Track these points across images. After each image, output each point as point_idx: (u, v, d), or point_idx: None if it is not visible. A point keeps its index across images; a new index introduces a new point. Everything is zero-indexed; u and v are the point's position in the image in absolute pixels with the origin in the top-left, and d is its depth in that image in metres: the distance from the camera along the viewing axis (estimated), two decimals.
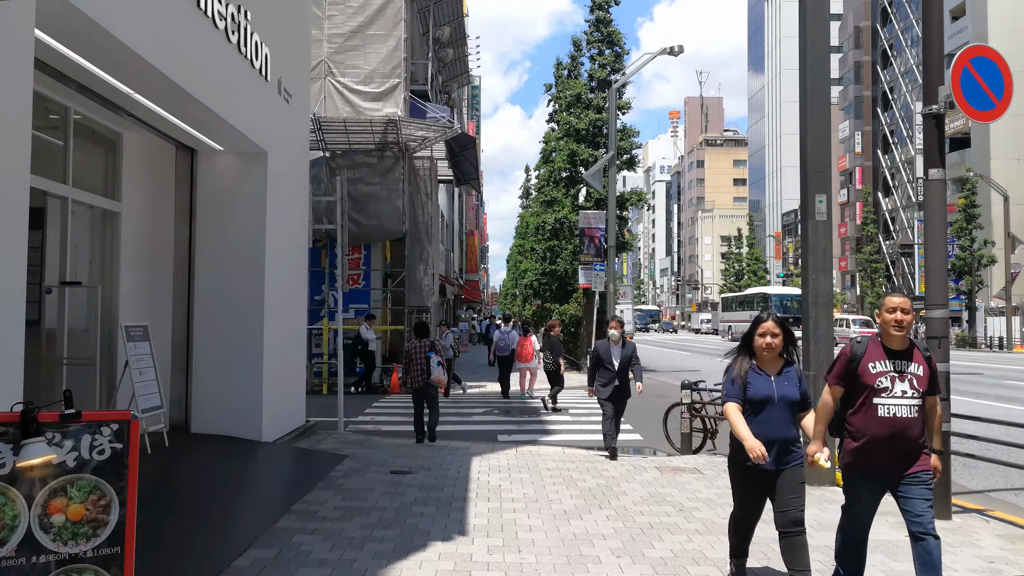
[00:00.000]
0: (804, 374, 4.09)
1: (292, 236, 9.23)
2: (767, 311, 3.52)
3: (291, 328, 9.19)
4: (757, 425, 3.83)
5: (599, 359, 8.24)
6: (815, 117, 6.98)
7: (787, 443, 3.89)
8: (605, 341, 8.39)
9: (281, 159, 8.58)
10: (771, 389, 3.88)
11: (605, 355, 8.22)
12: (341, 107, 16.48)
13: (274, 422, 8.34)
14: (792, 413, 3.92)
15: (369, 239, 16.93)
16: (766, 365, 3.96)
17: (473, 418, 12.01)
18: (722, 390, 4.14)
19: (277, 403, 8.47)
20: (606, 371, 8.20)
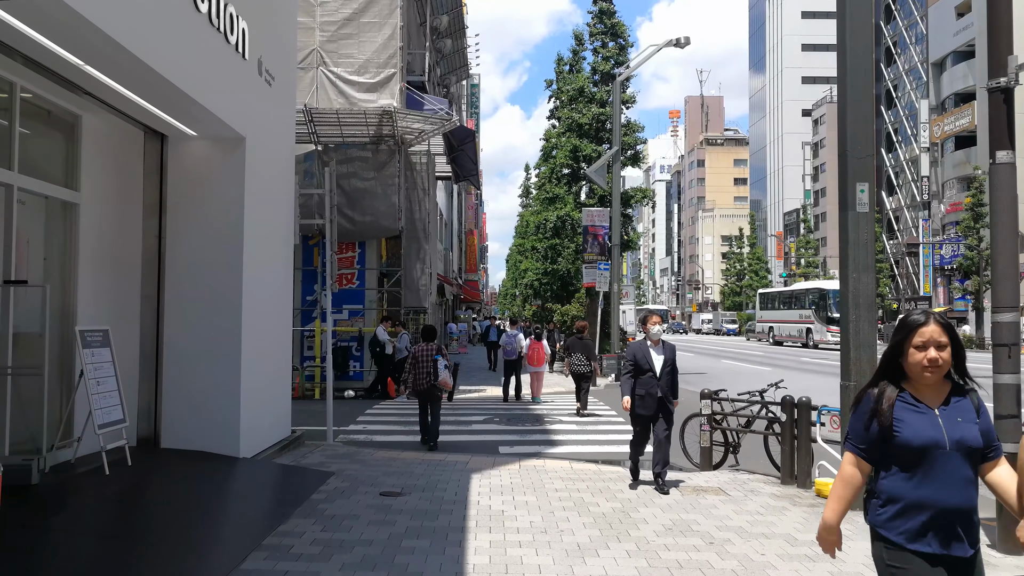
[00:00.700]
0: (983, 404, 2.66)
1: (276, 231, 8.46)
2: (921, 313, 2.11)
3: (275, 331, 8.42)
4: (918, 487, 2.52)
5: (637, 365, 6.85)
6: (855, 95, 6.23)
7: (965, 515, 2.52)
8: (642, 342, 7.00)
9: (262, 146, 7.81)
10: (937, 430, 2.54)
11: (644, 359, 6.83)
12: (334, 98, 15.71)
13: (254, 435, 7.57)
14: (972, 465, 2.57)
15: (364, 236, 16.16)
16: (926, 393, 2.61)
17: (472, 426, 11.25)
18: (846, 432, 2.83)
19: (258, 414, 7.70)
20: (646, 379, 6.82)
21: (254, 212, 7.60)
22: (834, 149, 46.08)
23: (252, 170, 7.52)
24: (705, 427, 7.75)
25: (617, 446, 9.79)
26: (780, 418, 7.26)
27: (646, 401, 6.81)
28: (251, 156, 7.49)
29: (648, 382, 6.80)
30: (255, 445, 7.63)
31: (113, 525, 5.14)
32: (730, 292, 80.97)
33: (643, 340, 6.99)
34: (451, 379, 9.81)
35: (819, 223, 75.14)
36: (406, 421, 11.72)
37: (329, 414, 9.64)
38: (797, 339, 42.34)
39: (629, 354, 6.98)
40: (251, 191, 7.50)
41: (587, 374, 12.63)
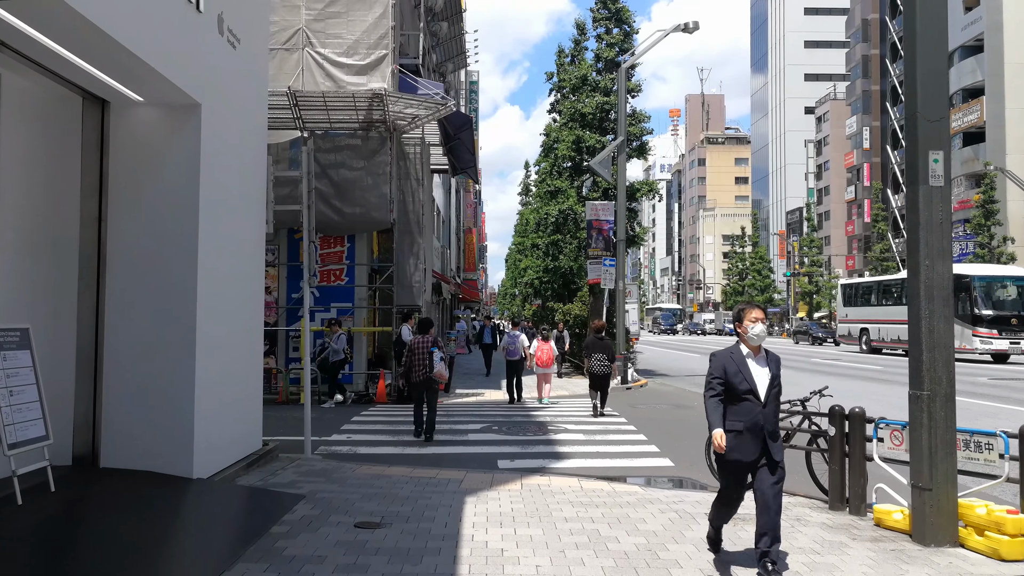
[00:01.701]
0: None
1: (242, 216, 7.39)
2: None
3: (241, 332, 7.35)
4: None
5: (729, 384, 4.51)
6: (928, 46, 5.18)
7: None
8: (734, 350, 4.64)
9: (222, 117, 6.74)
10: None
11: (738, 375, 4.51)
12: (321, 81, 14.64)
13: (212, 451, 6.50)
14: None
15: (353, 229, 15.09)
16: None
17: (469, 436, 10.17)
18: None
19: (218, 426, 6.63)
20: (743, 405, 4.47)
21: (213, 192, 6.52)
22: (838, 147, 45.39)
23: (210, 143, 6.44)
24: None
25: (630, 459, 8.72)
26: (827, 432, 6.18)
27: (744, 440, 4.44)
28: (208, 126, 6.41)
29: (747, 410, 4.45)
30: (214, 463, 6.55)
31: None
32: (732, 292, 79.89)
33: (735, 347, 4.65)
34: (447, 371, 10.15)
35: (822, 221, 74.10)
36: (395, 430, 10.66)
37: (307, 423, 8.58)
38: None
39: (716, 367, 4.59)
40: (209, 167, 6.42)
41: (607, 374, 12.38)
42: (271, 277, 15.34)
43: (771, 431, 4.51)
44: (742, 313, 4.68)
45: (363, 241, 15.38)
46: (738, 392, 4.49)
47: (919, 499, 5.09)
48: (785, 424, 6.73)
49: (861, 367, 24.65)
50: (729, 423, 4.48)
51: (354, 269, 15.21)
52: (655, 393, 16.63)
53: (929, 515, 5.07)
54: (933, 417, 5.08)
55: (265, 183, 8.23)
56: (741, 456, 4.48)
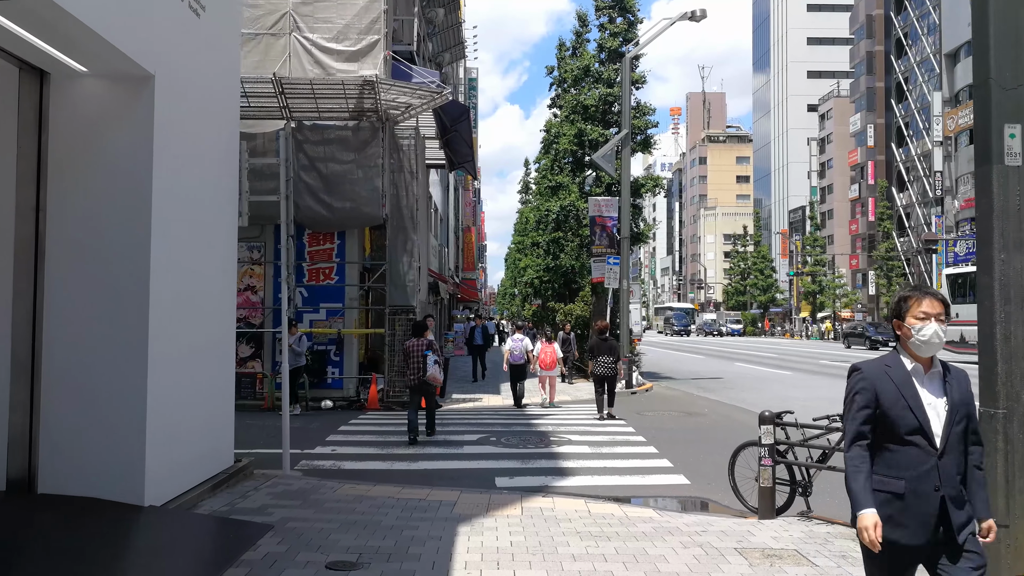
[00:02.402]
0: None
1: (207, 205, 6.59)
2: None
3: (207, 335, 6.55)
4: None
5: (883, 417, 2.80)
6: (1000, 3, 4.38)
7: None
8: (890, 363, 2.90)
9: (181, 91, 5.93)
10: None
11: (898, 405, 2.80)
12: (309, 68, 13.84)
13: (169, 473, 5.69)
14: None
15: (343, 225, 14.29)
16: None
17: (464, 449, 9.36)
18: None
19: (176, 443, 5.83)
20: (905, 452, 2.78)
21: (170, 177, 5.72)
22: (841, 144, 44.49)
23: (166, 121, 5.64)
24: (766, 460, 5.86)
25: (640, 476, 7.92)
26: None
27: (910, 513, 2.75)
28: (164, 102, 5.60)
29: (912, 461, 2.76)
30: (171, 486, 5.74)
31: None
32: (734, 292, 79.09)
33: (893, 358, 2.92)
34: (441, 374, 10.10)
35: (825, 220, 73.27)
36: (385, 441, 9.86)
37: (285, 435, 7.78)
38: None
39: (862, 391, 2.86)
40: (165, 149, 5.62)
41: (612, 376, 12.25)
42: (257, 276, 14.56)
43: (954, 495, 2.76)
44: (906, 304, 2.89)
45: (354, 238, 14.58)
46: (898, 431, 2.76)
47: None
48: (821, 442, 5.93)
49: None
50: (881, 480, 2.77)
51: (344, 267, 14.40)
52: (662, 398, 15.83)
53: (1005, 555, 4.26)
54: (1010, 440, 4.28)
55: (238, 170, 7.42)
56: (902, 537, 2.73)
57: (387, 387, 13.94)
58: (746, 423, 12.01)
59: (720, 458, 8.82)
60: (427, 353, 9.80)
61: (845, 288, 62.85)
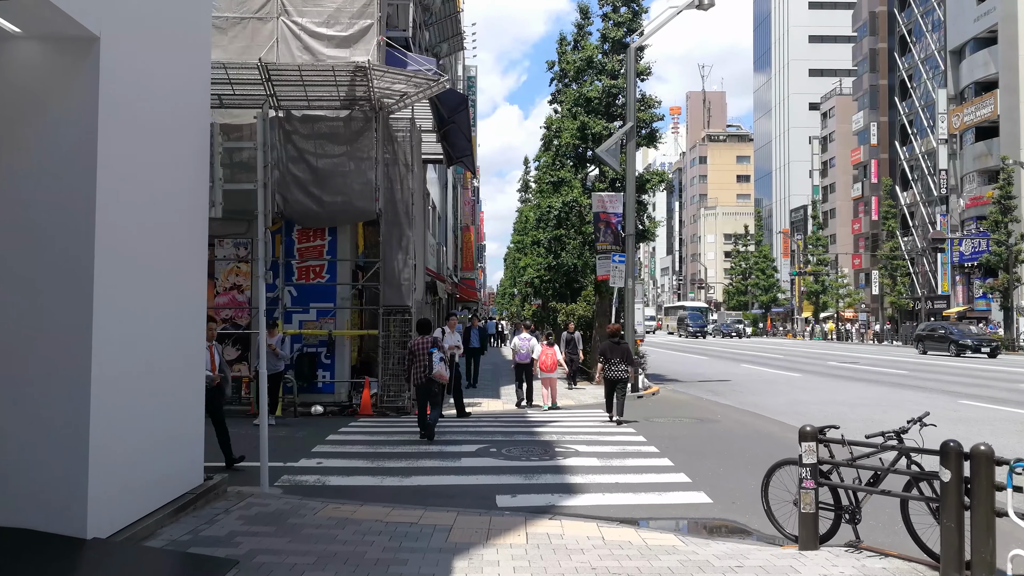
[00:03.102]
0: None
1: (168, 195, 5.82)
2: None
3: (168, 340, 5.77)
4: None
5: None
6: None
7: None
8: None
9: (134, 57, 5.17)
10: None
11: None
12: (299, 55, 13.08)
13: (118, 500, 4.93)
14: None
15: (335, 221, 13.52)
16: None
17: (462, 462, 8.59)
18: None
19: (129, 466, 5.06)
20: None
21: (121, 158, 4.95)
22: (844, 143, 43.70)
23: (114, 90, 4.87)
24: (808, 482, 5.09)
25: (656, 494, 7.15)
26: (938, 476, 4.61)
27: None
28: (111, 68, 4.84)
29: None
30: (121, 514, 4.97)
31: None
32: (735, 291, 78.34)
33: None
34: (447, 372, 10.08)
35: (828, 220, 72.54)
36: (376, 453, 9.08)
37: (263, 448, 7.01)
38: None
39: None
40: (114, 124, 4.86)
41: (625, 380, 11.97)
42: (244, 274, 13.80)
43: None
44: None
45: (346, 234, 13.82)
46: None
47: None
48: (872, 462, 5.16)
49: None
50: None
51: (336, 265, 13.63)
52: (670, 403, 15.06)
53: None
54: None
55: (209, 155, 6.66)
56: None
57: (381, 391, 13.18)
58: (760, 429, 11.26)
59: (742, 471, 8.08)
60: (432, 351, 9.85)
61: (848, 288, 62.09)
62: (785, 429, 11.33)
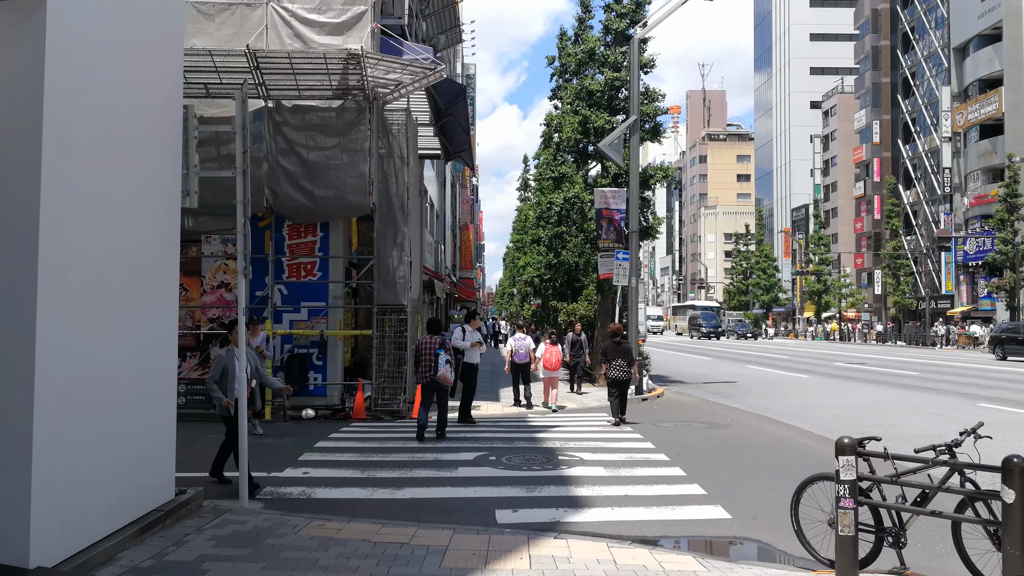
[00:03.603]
0: None
1: (133, 183, 5.25)
2: None
3: (132, 349, 5.21)
4: None
5: None
6: None
7: None
8: None
9: (87, 20, 4.59)
10: None
11: None
12: (289, 42, 12.49)
13: (68, 525, 4.37)
14: None
15: (327, 216, 12.95)
16: None
17: (458, 472, 8.01)
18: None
19: (81, 488, 4.50)
20: None
21: (72, 136, 4.39)
22: (846, 141, 43.11)
23: (63, 59, 4.30)
24: (847, 501, 4.53)
25: (670, 508, 6.57)
26: (1002, 495, 4.05)
27: None
28: (60, 34, 4.27)
29: None
30: (73, 540, 4.41)
31: None
32: (736, 291, 77.74)
33: None
34: (451, 374, 10.05)
35: (829, 219, 72.00)
36: (368, 461, 8.51)
37: (242, 458, 6.45)
38: None
39: None
40: (63, 97, 4.29)
41: (627, 380, 11.79)
42: (233, 272, 13.21)
43: None
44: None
45: (339, 230, 13.24)
46: None
47: None
48: (920, 479, 4.60)
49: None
50: None
51: (328, 262, 13.05)
52: (676, 405, 14.50)
53: None
54: None
55: (180, 137, 6.09)
56: None
57: (375, 394, 12.61)
58: (775, 435, 10.69)
59: (759, 482, 7.53)
60: (439, 352, 9.77)
61: (851, 287, 61.53)
62: (800, 435, 10.77)
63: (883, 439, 9.40)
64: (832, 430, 11.11)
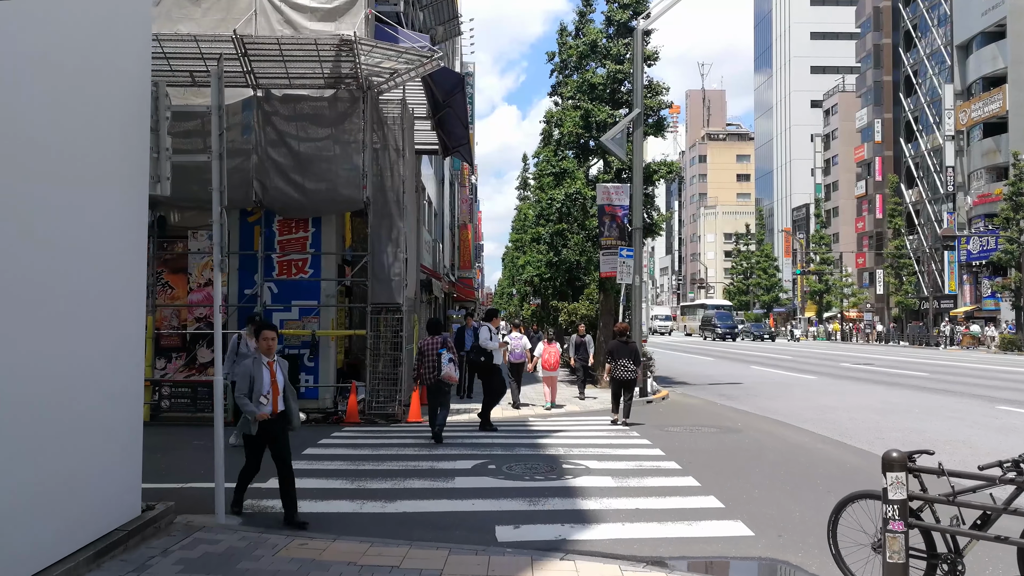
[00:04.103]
0: None
1: (88, 164, 4.69)
2: None
3: (87, 356, 4.65)
4: None
5: None
6: None
7: None
8: None
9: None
10: None
11: None
12: (279, 28, 11.93)
13: (11, 552, 3.79)
14: None
15: (318, 211, 12.39)
16: None
17: (455, 482, 7.45)
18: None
19: (16, 512, 3.93)
20: None
21: (9, 105, 3.83)
22: (847, 140, 42.72)
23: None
24: (896, 524, 3.98)
25: (686, 523, 6.01)
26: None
27: None
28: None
29: None
30: (13, 571, 3.84)
31: None
32: (736, 291, 77.20)
33: None
34: (456, 373, 10.02)
35: (830, 218, 71.49)
36: (358, 470, 7.95)
37: (218, 470, 5.90)
38: None
39: None
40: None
41: (632, 381, 11.57)
42: None
43: None
44: None
45: (331, 225, 12.68)
46: None
47: None
48: (982, 499, 4.04)
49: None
50: None
51: (320, 259, 12.49)
52: (683, 408, 13.95)
53: None
54: None
55: (149, 117, 5.53)
56: None
57: (369, 397, 12.05)
58: (790, 440, 10.14)
59: (780, 493, 6.98)
60: (442, 352, 9.71)
61: (853, 287, 61.00)
62: (816, 440, 10.22)
63: (906, 446, 8.86)
64: (848, 435, 10.57)
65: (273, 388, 5.92)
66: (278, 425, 6.02)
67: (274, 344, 6.00)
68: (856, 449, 9.40)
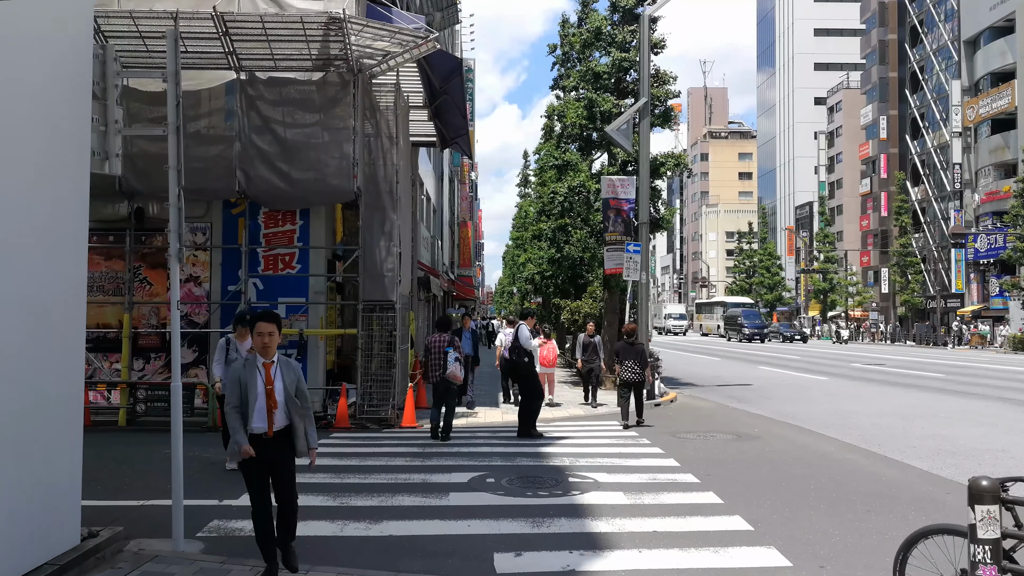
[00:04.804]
0: None
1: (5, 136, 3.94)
2: None
3: (9, 342, 3.89)
4: None
5: None
6: None
7: None
8: None
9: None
10: None
11: None
12: (263, 6, 11.12)
13: None
14: None
15: (307, 202, 11.65)
16: None
17: (450, 498, 6.68)
18: None
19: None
20: None
21: None
22: (851, 138, 41.79)
23: None
24: (988, 570, 3.22)
25: (711, 551, 5.23)
26: None
27: None
28: None
29: None
30: None
31: None
32: (738, 290, 76.40)
33: None
34: (461, 372, 9.87)
35: (835, 216, 70.70)
36: (343, 483, 7.18)
37: (176, 488, 5.14)
38: None
39: None
40: None
41: (640, 383, 11.29)
42: (202, 264, 11.92)
43: None
44: None
45: (321, 218, 11.95)
46: None
47: None
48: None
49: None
50: None
51: (308, 254, 11.75)
52: (693, 412, 13.19)
53: None
54: None
55: (91, 85, 4.77)
56: None
57: (360, 400, 11.30)
58: (813, 448, 9.32)
59: (814, 512, 6.22)
60: (448, 350, 9.59)
61: (858, 286, 60.19)
62: (843, 449, 9.45)
63: (941, 455, 7.97)
64: (876, 443, 9.80)
65: (270, 399, 4.48)
66: (277, 449, 4.57)
67: (273, 341, 4.51)
68: (890, 460, 8.62)
